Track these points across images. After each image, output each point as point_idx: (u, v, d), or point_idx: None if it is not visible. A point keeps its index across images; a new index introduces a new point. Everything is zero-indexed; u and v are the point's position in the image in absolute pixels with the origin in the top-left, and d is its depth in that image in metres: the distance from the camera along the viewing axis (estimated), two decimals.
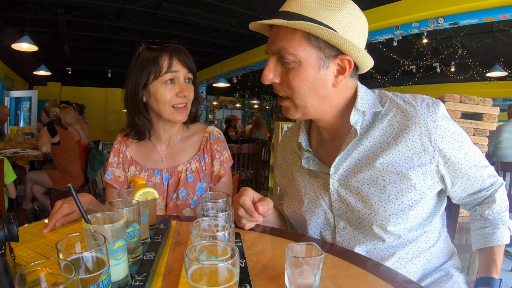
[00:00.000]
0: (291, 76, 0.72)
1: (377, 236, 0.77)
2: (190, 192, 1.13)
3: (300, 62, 0.70)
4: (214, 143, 1.18)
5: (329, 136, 0.85)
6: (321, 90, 0.74)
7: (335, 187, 0.81)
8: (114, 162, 1.18)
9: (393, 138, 0.76)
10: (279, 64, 0.74)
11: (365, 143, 0.78)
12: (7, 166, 2.43)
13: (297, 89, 0.73)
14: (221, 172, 1.16)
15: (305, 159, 0.86)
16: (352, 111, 0.76)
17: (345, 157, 0.79)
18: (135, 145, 1.20)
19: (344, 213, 0.80)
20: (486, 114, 2.91)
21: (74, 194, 0.59)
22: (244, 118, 14.40)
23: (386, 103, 0.79)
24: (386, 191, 0.75)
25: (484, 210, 0.83)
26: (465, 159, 0.77)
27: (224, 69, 8.33)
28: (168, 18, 5.66)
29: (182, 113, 1.09)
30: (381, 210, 0.75)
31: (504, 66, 5.96)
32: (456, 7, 3.82)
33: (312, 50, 0.70)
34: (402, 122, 0.75)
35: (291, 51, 0.70)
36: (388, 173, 0.75)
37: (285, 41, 0.70)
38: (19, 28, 5.48)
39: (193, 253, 0.47)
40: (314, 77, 0.72)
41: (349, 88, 0.79)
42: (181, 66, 1.07)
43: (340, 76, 0.73)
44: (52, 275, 0.41)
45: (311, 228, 0.85)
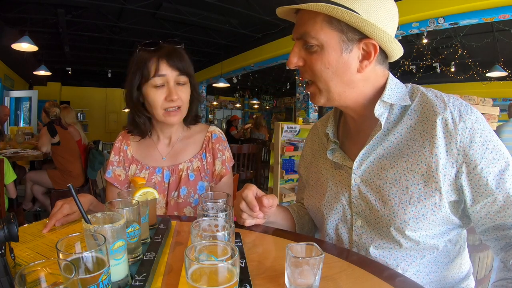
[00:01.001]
0: (314, 60, 0.72)
1: (394, 240, 0.73)
2: (191, 190, 1.13)
3: (322, 45, 0.70)
4: (216, 142, 1.18)
5: (355, 128, 0.83)
6: (345, 75, 0.71)
7: (356, 183, 0.78)
8: (114, 160, 1.18)
9: (420, 135, 0.71)
10: (303, 49, 0.73)
11: (391, 138, 0.74)
12: (7, 166, 2.43)
13: (319, 72, 0.72)
14: (222, 171, 1.16)
15: (330, 151, 0.84)
16: (377, 102, 0.73)
17: (369, 152, 0.76)
18: (136, 143, 1.21)
19: (363, 211, 0.77)
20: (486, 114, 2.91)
21: (74, 194, 0.59)
22: (244, 118, 14.39)
23: (417, 97, 0.75)
24: (409, 192, 0.70)
25: (509, 258, 0.68)
26: (496, 176, 0.67)
27: (224, 69, 8.33)
28: (168, 18, 5.65)
29: (174, 116, 1.08)
30: (401, 212, 0.70)
31: (504, 66, 5.96)
32: (456, 7, 3.82)
33: (334, 33, 0.69)
34: (430, 117, 0.70)
35: (312, 35, 0.70)
36: (412, 173, 0.70)
37: (307, 25, 0.70)
38: (19, 28, 5.47)
39: (193, 253, 0.47)
40: (337, 61, 0.70)
41: (379, 77, 0.75)
42: (169, 69, 1.04)
43: (365, 61, 0.71)
44: (52, 275, 0.41)
45: (329, 223, 0.83)
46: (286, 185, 3.19)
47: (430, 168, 0.69)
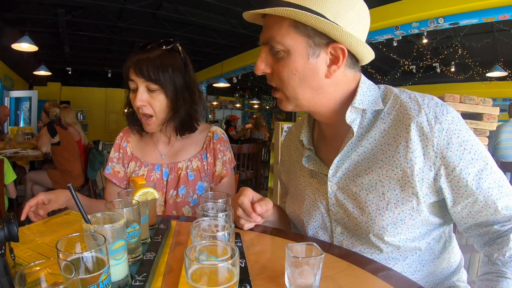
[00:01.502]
0: (281, 66, 0.70)
1: (374, 245, 0.72)
2: (190, 190, 1.13)
3: (288, 51, 0.68)
4: (217, 142, 1.17)
5: (329, 133, 0.81)
6: (313, 80, 0.69)
7: (333, 191, 0.77)
8: (114, 157, 1.20)
9: (394, 139, 0.69)
10: (270, 54, 0.71)
11: (365, 144, 0.73)
12: (7, 166, 2.43)
13: (287, 80, 0.70)
14: (223, 172, 1.16)
15: (306, 158, 0.83)
16: (348, 108, 0.71)
17: (344, 158, 0.75)
18: (136, 141, 1.21)
19: (341, 219, 0.76)
20: (486, 114, 2.91)
21: (74, 194, 0.59)
22: (244, 118, 14.39)
23: (390, 100, 0.72)
24: (385, 198, 0.69)
25: (493, 252, 0.68)
26: (476, 176, 0.66)
27: (224, 69, 8.33)
28: (168, 18, 5.66)
29: (147, 124, 1.07)
30: (378, 219, 0.70)
31: (504, 66, 5.96)
32: (456, 7, 3.82)
33: (300, 38, 0.67)
34: (404, 120, 0.68)
35: (278, 40, 0.68)
36: (388, 179, 0.69)
37: (273, 30, 0.68)
38: (19, 28, 5.47)
39: (193, 253, 0.47)
40: (304, 67, 0.68)
41: (349, 81, 0.73)
42: (136, 76, 1.02)
43: (334, 66, 0.68)
44: (52, 275, 0.41)
45: (309, 231, 0.83)
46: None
47: (405, 174, 0.68)
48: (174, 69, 1.05)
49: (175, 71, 1.05)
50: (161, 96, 1.05)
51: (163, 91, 1.04)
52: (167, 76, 1.03)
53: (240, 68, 7.93)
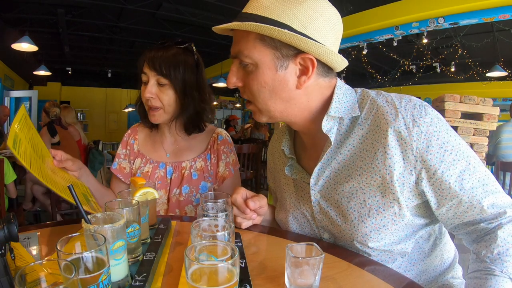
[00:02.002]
0: (250, 80, 0.69)
1: (361, 251, 0.73)
2: (193, 189, 1.15)
3: (256, 64, 0.68)
4: (221, 144, 1.19)
5: (309, 142, 0.81)
6: (283, 92, 0.69)
7: (316, 199, 0.76)
8: (122, 153, 1.24)
9: (372, 145, 0.68)
10: (241, 68, 0.71)
11: (344, 151, 0.72)
12: (7, 166, 2.43)
13: (257, 93, 0.70)
14: (225, 173, 1.17)
15: (288, 167, 0.82)
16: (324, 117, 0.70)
17: (324, 167, 0.74)
18: (143, 138, 1.26)
19: (326, 226, 0.77)
20: (486, 114, 2.91)
21: (74, 194, 0.59)
22: (244, 118, 14.39)
23: (366, 105, 0.71)
24: (367, 205, 0.69)
25: (480, 249, 0.67)
26: (458, 177, 0.65)
27: (224, 69, 8.33)
28: (168, 18, 5.66)
29: (153, 115, 1.11)
30: (361, 226, 0.69)
31: (504, 66, 5.96)
32: (456, 7, 3.82)
33: (268, 51, 0.66)
34: (381, 125, 0.67)
35: (246, 53, 0.67)
36: (368, 186, 0.68)
37: (241, 44, 0.68)
38: (19, 28, 5.47)
39: (193, 253, 0.47)
40: (273, 79, 0.67)
41: (323, 89, 0.72)
42: (149, 69, 1.07)
43: (303, 76, 0.68)
44: (52, 275, 0.41)
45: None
46: None
47: (385, 180, 0.67)
48: (186, 67, 1.09)
49: (187, 69, 1.10)
50: (170, 91, 1.09)
51: (172, 86, 1.08)
52: (178, 73, 1.08)
53: None
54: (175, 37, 1.15)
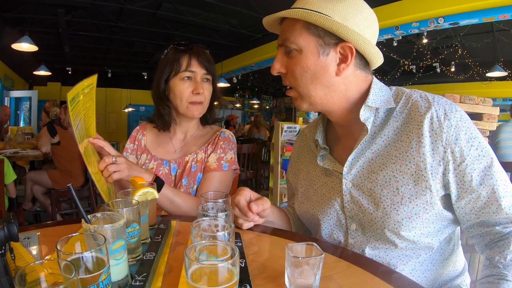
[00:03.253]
0: (293, 64, 0.75)
1: (389, 241, 0.73)
2: (191, 181, 1.17)
3: (300, 49, 0.73)
4: (222, 140, 1.22)
5: (343, 133, 0.85)
6: (323, 77, 0.74)
7: (348, 188, 0.79)
8: (129, 148, 1.28)
9: (407, 136, 0.72)
10: (285, 56, 0.77)
11: (378, 141, 0.76)
12: (7, 166, 2.43)
13: (299, 77, 0.75)
14: (212, 165, 1.16)
15: (320, 157, 0.85)
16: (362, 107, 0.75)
17: (358, 156, 0.77)
18: (152, 135, 1.29)
19: (356, 215, 0.78)
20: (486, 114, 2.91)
21: (74, 194, 0.59)
22: (244, 118, 14.39)
23: (402, 99, 0.76)
24: (399, 193, 0.71)
25: (494, 255, 0.68)
26: (481, 173, 0.69)
27: (224, 69, 8.33)
28: (168, 18, 5.65)
29: (197, 108, 1.16)
30: (393, 213, 0.71)
31: (504, 66, 5.96)
32: (456, 7, 3.82)
33: (312, 38, 0.72)
34: (416, 117, 0.72)
35: (292, 40, 0.74)
36: (401, 174, 0.71)
37: (288, 32, 0.75)
38: (19, 28, 5.48)
39: (193, 253, 0.47)
40: (315, 64, 0.73)
41: (361, 82, 0.77)
42: (198, 67, 1.15)
43: (343, 64, 0.73)
44: (52, 275, 0.41)
45: (324, 229, 0.84)
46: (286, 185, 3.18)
47: (418, 167, 0.70)
48: (215, 67, 1.22)
49: (216, 69, 1.23)
50: (211, 87, 1.21)
51: (212, 82, 1.21)
52: (215, 71, 1.22)
53: (240, 68, 7.93)
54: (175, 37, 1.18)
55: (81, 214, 0.56)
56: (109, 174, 0.88)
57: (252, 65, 7.46)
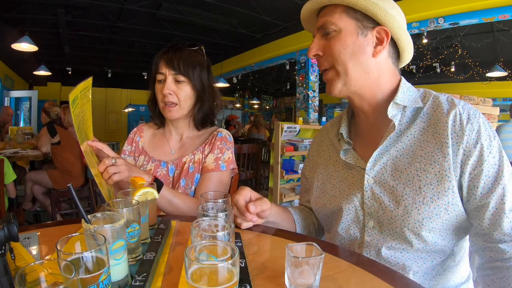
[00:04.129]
0: (332, 43, 0.78)
1: (407, 240, 0.73)
2: (189, 182, 1.17)
3: (340, 30, 0.77)
4: (219, 140, 1.22)
5: (367, 128, 0.86)
6: (361, 56, 0.77)
7: (369, 184, 0.79)
8: (127, 149, 1.29)
9: (433, 137, 0.74)
10: (322, 39, 0.81)
11: (404, 140, 0.77)
12: (7, 166, 2.43)
13: (338, 54, 0.77)
14: (210, 166, 1.16)
15: (344, 151, 0.86)
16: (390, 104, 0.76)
17: (382, 152, 0.78)
18: (149, 136, 1.30)
19: (375, 212, 0.78)
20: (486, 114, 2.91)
21: (74, 194, 0.59)
22: (244, 118, 14.39)
23: (429, 100, 0.78)
24: (422, 192, 0.72)
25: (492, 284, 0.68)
26: (493, 182, 0.69)
27: (224, 69, 8.33)
28: (168, 18, 5.65)
29: (169, 110, 1.17)
30: (414, 213, 0.72)
31: (504, 66, 5.96)
32: (456, 7, 3.82)
33: (351, 21, 0.77)
34: (441, 119, 0.73)
35: (332, 21, 0.78)
36: (425, 173, 0.72)
37: (328, 16, 0.79)
38: (19, 28, 5.48)
39: (193, 253, 0.47)
40: (354, 43, 0.76)
41: (392, 74, 0.80)
42: (166, 68, 1.14)
43: (379, 46, 0.77)
44: (52, 275, 0.41)
45: (340, 224, 0.83)
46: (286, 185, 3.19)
47: (442, 167, 0.71)
48: (201, 67, 1.19)
49: (202, 69, 1.20)
50: (187, 88, 1.17)
51: (190, 83, 1.17)
52: (195, 72, 1.17)
53: (240, 68, 7.93)
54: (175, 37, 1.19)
55: (81, 214, 0.56)
56: (109, 176, 0.89)
57: (252, 65, 7.46)
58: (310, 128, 3.54)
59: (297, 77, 6.06)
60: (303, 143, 3.19)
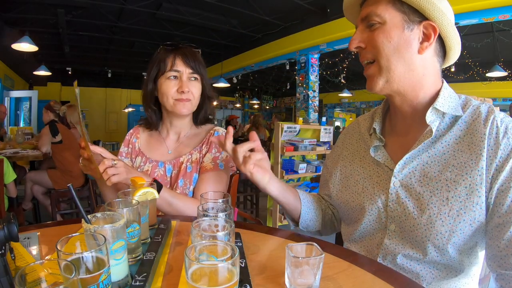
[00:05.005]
0: (376, 35, 0.74)
1: (425, 250, 0.71)
2: (187, 182, 1.17)
3: (385, 21, 0.73)
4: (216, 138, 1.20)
5: (402, 129, 0.82)
6: (406, 51, 0.72)
7: (395, 187, 0.76)
8: (123, 151, 1.28)
9: (468, 147, 0.70)
10: (366, 31, 0.77)
11: (438, 147, 0.73)
12: (7, 166, 2.43)
13: (381, 46, 0.73)
14: (209, 165, 1.17)
15: (374, 148, 0.83)
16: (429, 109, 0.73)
17: (414, 156, 0.75)
18: (146, 137, 1.29)
19: (398, 216, 0.75)
20: None
21: (74, 194, 0.59)
22: (244, 118, 14.39)
23: (469, 109, 0.74)
24: (449, 204, 0.68)
25: None
26: None
27: (224, 69, 8.32)
28: (168, 18, 5.65)
29: (184, 105, 1.17)
30: (438, 224, 0.68)
31: (504, 66, 5.96)
32: (456, 7, 3.82)
33: (397, 13, 0.72)
34: (479, 130, 0.70)
35: (378, 13, 0.73)
36: (455, 184, 0.69)
37: (373, 7, 0.75)
38: (19, 28, 5.48)
39: (193, 253, 0.47)
40: (399, 37, 0.72)
41: (436, 74, 0.76)
42: (184, 66, 1.16)
43: (425, 43, 0.72)
44: (52, 275, 0.41)
45: (363, 223, 0.81)
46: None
47: (474, 181, 0.67)
48: (204, 66, 1.23)
49: (205, 68, 1.23)
50: (200, 86, 1.21)
51: (201, 81, 1.21)
52: (205, 71, 1.22)
53: (240, 68, 7.93)
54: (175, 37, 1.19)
55: (81, 214, 0.56)
56: (108, 177, 0.90)
57: (252, 65, 7.46)
58: (310, 128, 3.54)
59: (297, 77, 6.06)
60: (303, 143, 3.18)
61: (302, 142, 3.18)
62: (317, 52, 5.78)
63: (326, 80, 8.61)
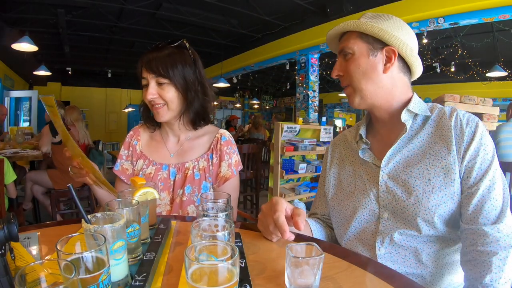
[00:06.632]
0: (349, 64, 0.91)
1: (418, 227, 0.82)
2: (195, 189, 1.16)
3: (354, 52, 0.91)
4: (224, 145, 1.20)
5: (384, 131, 0.97)
6: (373, 73, 0.89)
7: (384, 179, 0.90)
8: (124, 154, 1.25)
9: (439, 138, 0.86)
10: (343, 62, 0.94)
11: (415, 142, 0.89)
12: (7, 166, 2.43)
13: (352, 72, 0.90)
14: (228, 174, 1.17)
15: (362, 150, 0.97)
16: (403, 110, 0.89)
17: (396, 152, 0.90)
18: (146, 139, 1.27)
19: (389, 204, 0.88)
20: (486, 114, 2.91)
21: (74, 194, 0.59)
22: (244, 118, 14.39)
23: (435, 111, 0.90)
24: (431, 183, 0.82)
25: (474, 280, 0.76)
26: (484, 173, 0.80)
27: (224, 69, 8.32)
28: (168, 18, 5.65)
29: (157, 113, 1.15)
30: (424, 201, 0.82)
31: (504, 66, 5.96)
32: (456, 7, 3.82)
33: (364, 44, 0.90)
34: (446, 123, 0.86)
35: (349, 46, 0.91)
36: (433, 167, 0.84)
37: (346, 41, 0.93)
38: (19, 28, 5.47)
39: (193, 253, 0.47)
40: (366, 63, 0.89)
41: (404, 85, 0.92)
42: (147, 73, 1.11)
43: (388, 64, 0.89)
44: (52, 275, 0.41)
45: (357, 218, 0.92)
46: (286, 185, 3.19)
47: (448, 162, 0.82)
48: (183, 64, 1.13)
49: (185, 66, 1.14)
50: (171, 88, 1.12)
51: (172, 84, 1.12)
52: (176, 71, 1.12)
53: (240, 68, 7.93)
54: (175, 37, 1.17)
55: (81, 214, 0.56)
56: None
57: (252, 65, 7.46)
58: (310, 128, 3.54)
59: (297, 77, 6.06)
60: (303, 143, 3.18)
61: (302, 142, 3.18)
62: (317, 52, 5.78)
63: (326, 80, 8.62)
